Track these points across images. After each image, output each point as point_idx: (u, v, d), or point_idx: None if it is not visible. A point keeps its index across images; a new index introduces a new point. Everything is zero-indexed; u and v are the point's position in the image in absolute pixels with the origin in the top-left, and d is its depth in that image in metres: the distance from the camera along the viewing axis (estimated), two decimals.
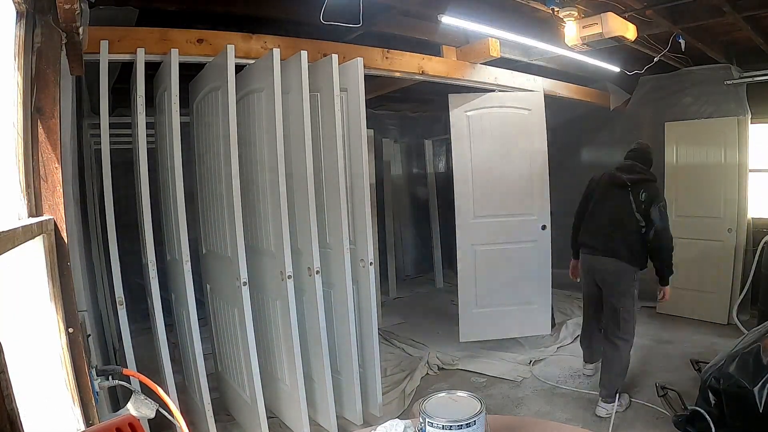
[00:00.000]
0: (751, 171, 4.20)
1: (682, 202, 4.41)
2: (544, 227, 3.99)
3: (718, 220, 4.23)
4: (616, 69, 4.01)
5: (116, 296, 2.24)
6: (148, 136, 2.33)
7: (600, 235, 2.89)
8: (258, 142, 2.52)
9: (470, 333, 4.03)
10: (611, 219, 2.86)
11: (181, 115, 2.37)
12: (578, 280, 3.18)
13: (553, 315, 4.18)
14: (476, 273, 4.04)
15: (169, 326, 2.59)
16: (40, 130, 1.17)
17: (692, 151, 4.38)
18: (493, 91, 3.94)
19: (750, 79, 4.12)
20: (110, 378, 1.46)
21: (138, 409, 1.41)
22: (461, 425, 1.01)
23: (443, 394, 1.15)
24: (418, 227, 6.58)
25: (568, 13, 2.79)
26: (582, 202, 3.14)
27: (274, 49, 2.32)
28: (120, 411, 1.50)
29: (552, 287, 4.16)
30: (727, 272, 4.19)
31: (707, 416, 2.26)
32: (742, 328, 3.78)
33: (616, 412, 2.71)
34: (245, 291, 2.33)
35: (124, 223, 2.41)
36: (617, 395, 2.74)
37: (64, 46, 1.23)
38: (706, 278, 4.27)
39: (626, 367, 2.83)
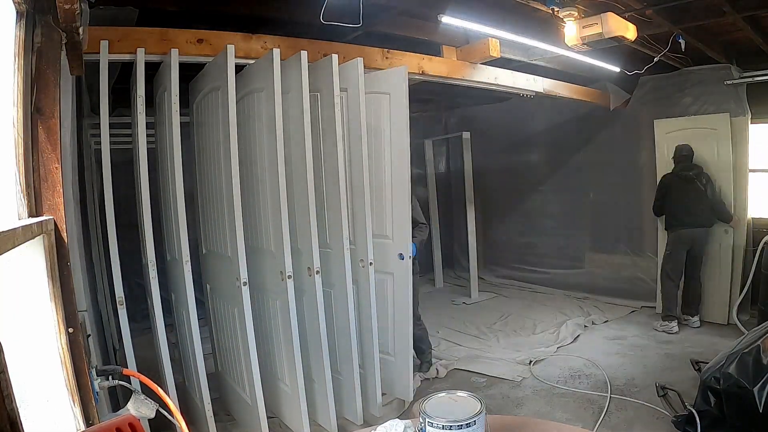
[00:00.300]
0: (751, 171, 4.20)
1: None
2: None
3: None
4: (616, 69, 4.01)
5: (116, 296, 2.24)
6: (148, 136, 2.33)
7: (691, 213, 4.03)
8: (258, 142, 2.51)
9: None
10: (693, 201, 4.02)
11: (181, 115, 2.37)
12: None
13: None
14: None
15: (169, 326, 2.59)
16: (40, 130, 1.17)
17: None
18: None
19: (750, 79, 4.13)
20: (110, 378, 1.46)
21: (138, 409, 1.41)
22: (461, 425, 1.01)
23: (443, 394, 1.15)
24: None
25: (568, 13, 2.79)
26: (659, 197, 4.26)
27: (274, 49, 2.32)
28: (120, 411, 1.50)
29: (553, 287, 4.19)
30: (727, 272, 4.19)
31: (707, 416, 2.26)
32: (742, 328, 3.78)
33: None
34: (245, 291, 2.33)
35: (124, 223, 2.41)
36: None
37: (64, 46, 1.23)
38: (707, 278, 4.27)
39: None
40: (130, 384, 1.48)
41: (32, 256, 1.11)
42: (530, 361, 3.57)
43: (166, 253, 2.79)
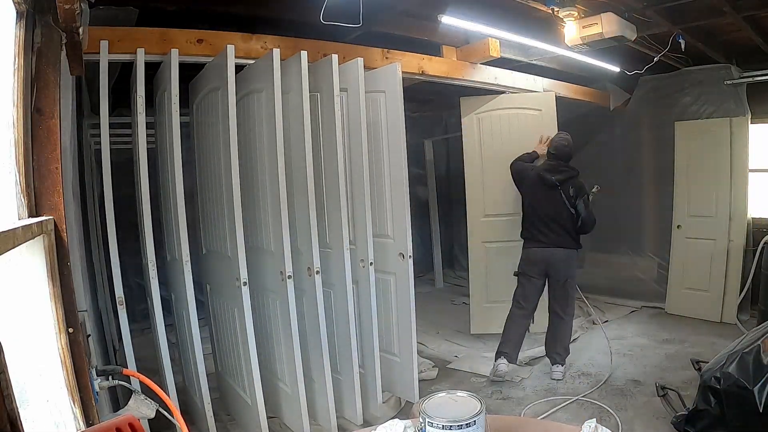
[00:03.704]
0: (751, 171, 4.20)
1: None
2: None
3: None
4: (616, 69, 4.01)
5: (116, 296, 2.24)
6: (148, 136, 2.33)
7: (547, 230, 3.25)
8: (258, 142, 2.52)
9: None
10: (552, 216, 3.24)
11: (181, 115, 2.37)
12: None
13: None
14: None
15: (169, 326, 2.59)
16: (40, 130, 1.17)
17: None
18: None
19: (750, 79, 4.13)
20: (110, 378, 1.46)
21: (138, 409, 1.41)
22: (461, 425, 1.01)
23: (443, 394, 1.15)
24: (417, 227, 6.58)
25: (568, 13, 2.79)
26: (517, 181, 3.50)
27: (274, 49, 2.32)
28: (120, 411, 1.50)
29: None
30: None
31: (707, 416, 2.26)
32: (742, 328, 3.78)
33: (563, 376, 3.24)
34: (245, 291, 2.33)
35: (124, 223, 2.40)
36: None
37: (64, 46, 1.23)
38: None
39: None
40: (130, 384, 1.48)
41: (32, 256, 1.11)
42: (530, 361, 3.56)
43: (166, 253, 2.79)
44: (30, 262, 1.10)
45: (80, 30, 1.22)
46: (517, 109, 4.06)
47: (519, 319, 3.30)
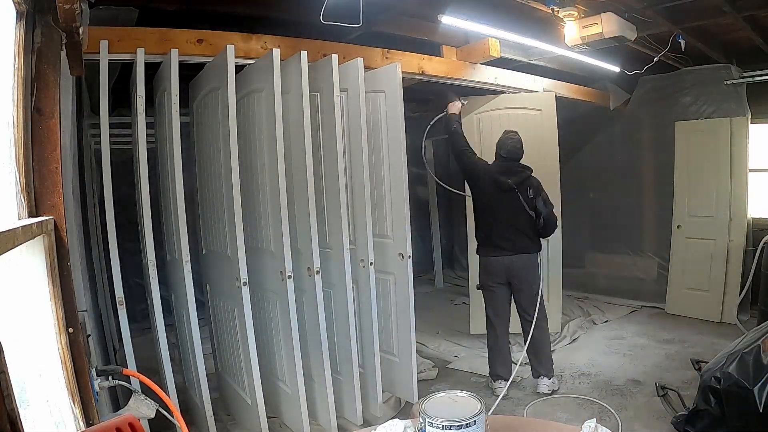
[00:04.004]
0: (751, 171, 4.20)
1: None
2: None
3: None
4: (616, 69, 4.01)
5: (116, 296, 2.24)
6: (148, 136, 2.33)
7: (508, 236, 3.03)
8: (258, 143, 2.52)
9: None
10: (510, 221, 3.03)
11: (181, 115, 2.37)
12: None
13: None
14: None
15: (169, 326, 2.59)
16: (40, 130, 1.17)
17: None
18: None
19: (750, 79, 4.13)
20: (110, 378, 1.46)
21: (138, 409, 1.41)
22: (461, 425, 1.01)
23: (443, 394, 1.15)
24: (417, 227, 6.58)
25: (568, 13, 2.79)
26: (469, 174, 3.20)
27: (274, 49, 2.32)
28: (120, 411, 1.50)
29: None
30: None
31: (707, 416, 2.26)
32: (742, 328, 3.78)
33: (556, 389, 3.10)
34: (245, 291, 2.33)
35: (124, 223, 2.41)
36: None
37: (64, 46, 1.23)
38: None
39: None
40: (130, 384, 1.48)
41: (32, 256, 1.11)
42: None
43: (166, 253, 2.79)
44: (30, 262, 1.10)
45: (80, 30, 1.22)
46: (516, 109, 4.07)
47: (499, 338, 3.12)
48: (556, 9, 2.77)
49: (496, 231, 3.06)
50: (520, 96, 4.04)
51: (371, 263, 2.72)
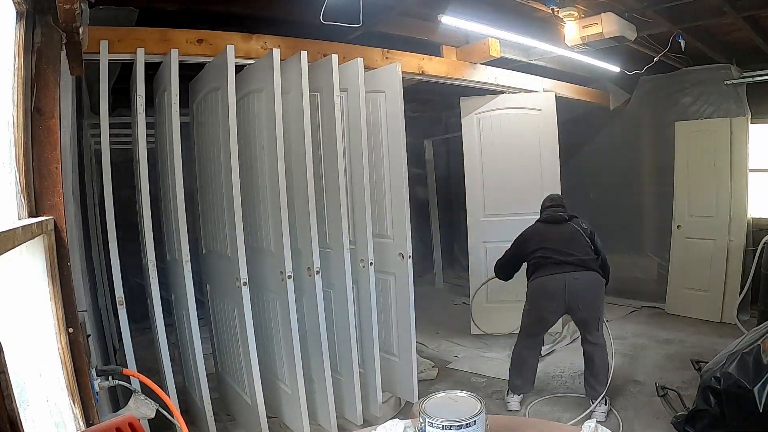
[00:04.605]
0: (751, 171, 4.20)
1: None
2: None
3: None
4: (616, 69, 4.01)
5: (116, 296, 2.24)
6: (148, 136, 2.33)
7: (564, 252, 2.79)
8: (258, 142, 2.51)
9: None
10: (568, 242, 2.83)
11: (181, 115, 2.37)
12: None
13: None
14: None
15: (169, 326, 2.59)
16: (40, 130, 1.17)
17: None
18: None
19: (750, 79, 4.13)
20: (110, 378, 1.46)
21: (138, 409, 1.41)
22: (461, 425, 1.01)
23: (443, 394, 1.15)
24: (417, 227, 6.58)
25: (568, 13, 2.79)
26: (519, 250, 2.99)
27: (274, 49, 2.32)
28: (120, 411, 1.50)
29: None
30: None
31: (707, 416, 2.26)
32: (742, 328, 3.78)
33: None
34: (245, 291, 2.33)
35: (124, 223, 2.40)
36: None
37: (64, 46, 1.23)
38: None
39: None
40: (130, 384, 1.48)
41: (32, 256, 1.11)
42: None
43: (166, 253, 2.79)
44: (30, 262, 1.10)
45: (80, 30, 1.22)
46: (516, 109, 4.08)
47: (532, 357, 2.92)
48: (556, 9, 2.77)
49: (553, 252, 2.80)
50: (519, 96, 4.05)
51: (371, 263, 2.72)
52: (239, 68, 2.44)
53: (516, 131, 4.05)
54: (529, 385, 2.92)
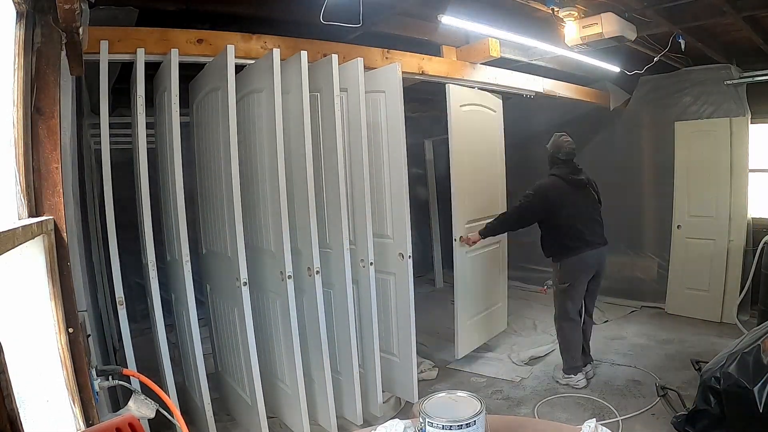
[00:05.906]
0: (751, 171, 4.20)
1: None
2: None
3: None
4: (616, 69, 4.01)
5: (116, 296, 2.24)
6: (148, 136, 2.33)
7: (593, 230, 3.12)
8: (258, 143, 2.52)
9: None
10: (591, 215, 3.17)
11: (181, 115, 2.37)
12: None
13: None
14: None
15: (169, 326, 2.59)
16: (40, 130, 1.17)
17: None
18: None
19: (750, 79, 4.13)
20: (110, 378, 1.46)
21: (138, 409, 1.41)
22: (461, 425, 1.01)
23: (443, 394, 1.15)
24: (417, 227, 6.58)
25: (568, 13, 2.79)
26: (547, 213, 3.10)
27: (274, 49, 2.32)
28: (120, 411, 1.50)
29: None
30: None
31: (707, 416, 2.26)
32: (742, 328, 3.78)
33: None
34: (245, 291, 2.33)
35: (124, 223, 2.40)
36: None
37: (64, 46, 1.23)
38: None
39: None
40: (130, 384, 1.48)
41: (32, 256, 1.11)
42: (530, 361, 3.56)
43: (166, 253, 2.79)
44: (30, 262, 1.10)
45: (80, 30, 1.22)
46: (479, 106, 3.78)
47: (576, 332, 3.16)
48: (556, 9, 2.77)
49: (583, 228, 3.07)
50: (480, 94, 3.72)
51: (371, 263, 2.72)
52: (239, 68, 2.44)
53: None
54: (587, 356, 3.23)
